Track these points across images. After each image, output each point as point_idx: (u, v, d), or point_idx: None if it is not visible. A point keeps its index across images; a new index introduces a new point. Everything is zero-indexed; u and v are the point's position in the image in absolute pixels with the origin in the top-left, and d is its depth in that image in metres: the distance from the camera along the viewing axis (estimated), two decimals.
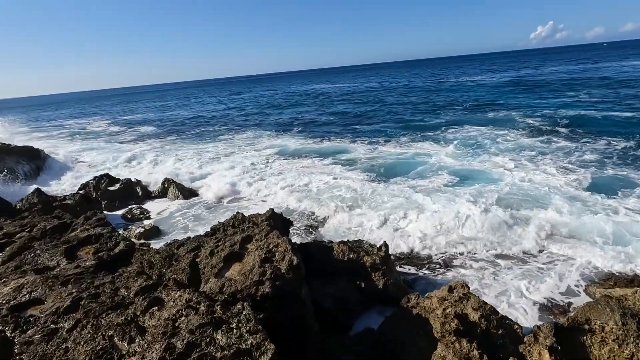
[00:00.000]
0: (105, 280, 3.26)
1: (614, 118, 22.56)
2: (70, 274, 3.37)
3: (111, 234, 4.31)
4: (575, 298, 7.63)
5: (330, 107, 44.28)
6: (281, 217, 7.59)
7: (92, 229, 4.44)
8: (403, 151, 19.78)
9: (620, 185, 12.38)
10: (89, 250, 3.87)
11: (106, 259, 3.63)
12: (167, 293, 3.02)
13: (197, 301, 2.95)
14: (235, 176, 17.32)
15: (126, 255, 3.96)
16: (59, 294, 3.12)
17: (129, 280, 3.19)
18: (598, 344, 4.88)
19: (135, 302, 2.96)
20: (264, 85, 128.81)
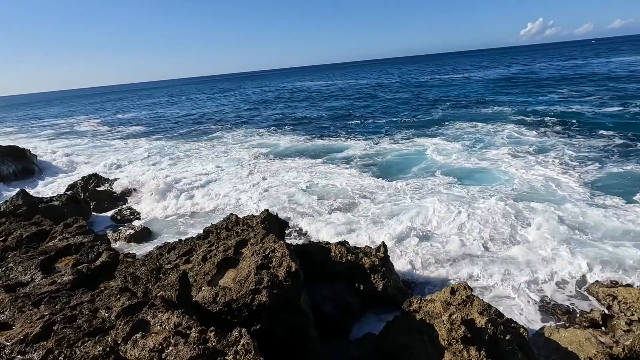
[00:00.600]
0: (84, 299, 2.92)
1: (605, 114, 22.61)
2: (44, 292, 3.00)
3: (93, 244, 3.95)
4: (578, 298, 7.47)
5: (323, 104, 43.95)
6: (276, 219, 7.29)
7: (72, 238, 4.08)
8: (400, 148, 19.57)
9: (624, 182, 12.27)
10: (68, 262, 3.52)
11: (86, 273, 3.28)
12: (154, 315, 2.70)
13: (187, 326, 2.62)
14: (227, 174, 17.01)
15: (109, 267, 3.61)
16: (29, 317, 2.77)
17: (111, 299, 2.85)
18: None
19: (117, 326, 2.62)
20: (256, 83, 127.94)
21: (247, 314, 4.24)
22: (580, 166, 14.01)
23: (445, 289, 6.52)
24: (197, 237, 7.39)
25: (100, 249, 3.78)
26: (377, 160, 17.86)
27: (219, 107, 53.82)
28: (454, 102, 35.23)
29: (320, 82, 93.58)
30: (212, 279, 4.74)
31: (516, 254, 8.83)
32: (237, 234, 6.12)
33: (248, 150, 22.83)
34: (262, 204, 13.11)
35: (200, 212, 13.10)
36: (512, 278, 8.06)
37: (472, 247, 9.21)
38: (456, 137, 20.63)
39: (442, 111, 30.60)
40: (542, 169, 14.03)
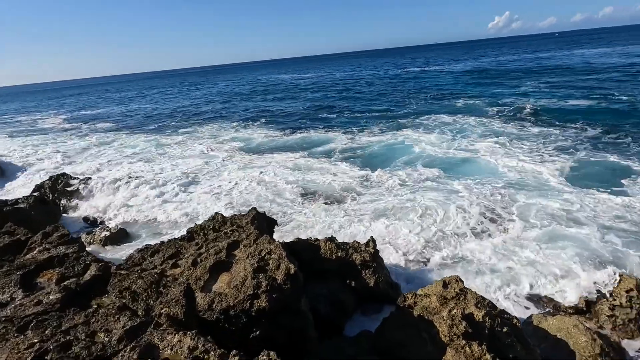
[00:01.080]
0: (78, 321, 2.60)
1: (572, 105, 23.46)
2: (30, 314, 2.64)
3: (78, 255, 3.58)
4: (562, 286, 7.65)
5: (300, 97, 43.53)
6: (265, 217, 7.06)
7: (54, 249, 3.70)
8: (381, 140, 19.61)
9: (599, 171, 12.73)
10: (51, 276, 3.15)
11: (75, 289, 2.96)
12: (162, 336, 2.43)
13: (204, 350, 2.36)
14: (199, 171, 16.52)
15: (100, 281, 3.27)
16: (16, 347, 2.43)
17: (109, 320, 2.55)
18: None
19: (121, 352, 2.34)
20: (228, 76, 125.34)
21: (245, 321, 4.04)
22: (556, 156, 14.45)
23: (437, 282, 6.51)
24: (181, 238, 7.06)
25: (88, 261, 3.43)
26: (360, 153, 17.83)
27: (192, 100, 52.37)
28: (429, 94, 35.69)
29: (294, 75, 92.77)
30: (205, 285, 4.49)
31: (500, 244, 8.98)
32: (226, 235, 5.86)
33: (224, 144, 22.29)
34: (241, 200, 12.79)
35: (177, 211, 12.62)
36: (501, 267, 8.18)
37: (458, 239, 9.28)
38: (435, 129, 20.88)
39: (418, 103, 30.94)
40: (522, 159, 14.38)
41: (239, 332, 4.02)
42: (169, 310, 2.78)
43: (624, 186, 11.29)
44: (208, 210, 12.04)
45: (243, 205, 12.31)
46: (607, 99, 24.28)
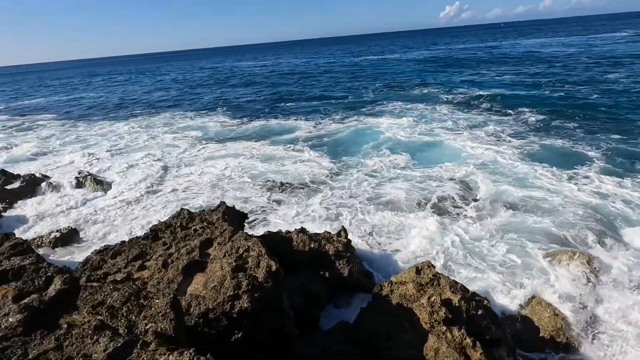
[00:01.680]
0: (48, 346, 2.20)
1: (522, 92, 24.74)
2: None
3: (37, 266, 3.10)
4: (524, 265, 8.02)
5: (257, 85, 42.53)
6: (235, 211, 6.77)
7: (7, 261, 3.20)
8: (346, 128, 19.64)
9: (555, 154, 13.51)
10: (6, 292, 2.69)
11: (38, 307, 2.55)
12: (153, 358, 2.15)
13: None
14: (157, 162, 15.69)
15: (67, 296, 2.84)
16: None
17: (86, 342, 2.20)
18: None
19: None
20: (179, 64, 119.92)
21: (226, 324, 3.82)
22: (515, 140, 15.19)
23: (410, 269, 6.60)
24: (145, 237, 6.61)
25: (50, 272, 2.99)
26: (325, 140, 17.78)
27: (143, 88, 49.58)
28: (387, 82, 36.16)
29: (250, 62, 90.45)
30: (179, 287, 4.20)
31: (467, 228, 9.29)
32: (197, 233, 5.54)
33: (181, 134, 21.35)
34: (205, 192, 12.30)
35: (131, 205, 11.88)
36: (465, 251, 8.45)
37: (427, 224, 9.46)
38: (397, 115, 21.20)
39: (378, 91, 31.27)
40: (481, 144, 14.96)
41: (219, 335, 3.81)
42: (155, 326, 2.50)
43: (578, 168, 12.01)
44: (169, 206, 11.47)
45: (209, 198, 11.84)
46: (550, 86, 25.85)
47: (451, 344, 4.47)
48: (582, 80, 27.33)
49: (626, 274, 7.29)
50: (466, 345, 4.48)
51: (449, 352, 4.38)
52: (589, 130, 15.68)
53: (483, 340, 4.74)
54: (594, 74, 29.34)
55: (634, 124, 15.94)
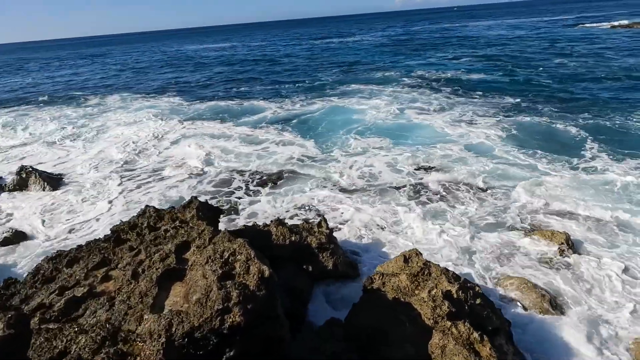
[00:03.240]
0: None
1: (485, 75, 25.23)
2: None
3: None
4: (504, 244, 8.02)
5: (211, 69, 40.53)
6: (209, 207, 6.12)
7: None
8: (314, 110, 19.07)
9: (527, 133, 13.73)
10: None
11: None
12: None
13: None
14: (112, 149, 14.41)
15: (13, 344, 2.12)
16: None
17: None
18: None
19: None
20: (128, 47, 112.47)
21: (216, 341, 3.29)
22: (485, 120, 15.38)
23: (397, 258, 6.32)
24: (105, 240, 5.82)
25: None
26: (292, 123, 17.23)
27: (90, 73, 45.82)
28: (348, 64, 35.73)
29: (202, 46, 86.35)
30: (154, 302, 3.59)
31: (445, 209, 9.19)
32: (169, 234, 4.87)
33: (135, 118, 19.92)
34: (171, 184, 11.39)
35: (79, 202, 10.75)
36: (445, 232, 8.34)
37: (409, 209, 9.26)
38: (364, 97, 20.89)
39: (340, 74, 30.79)
40: (457, 124, 15.04)
41: (208, 356, 3.28)
42: None
43: (560, 148, 12.31)
44: (132, 201, 10.49)
45: (172, 192, 10.95)
46: (507, 68, 26.63)
47: (459, 341, 4.23)
48: (536, 61, 28.39)
49: (605, 251, 7.46)
50: (474, 340, 4.25)
51: (457, 350, 4.14)
52: (559, 109, 16.24)
53: (486, 331, 4.57)
54: (546, 56, 30.59)
55: (594, 102, 16.72)
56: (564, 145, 12.35)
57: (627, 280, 6.71)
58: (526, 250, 7.81)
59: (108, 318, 3.47)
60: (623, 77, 21.07)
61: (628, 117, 14.50)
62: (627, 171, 10.23)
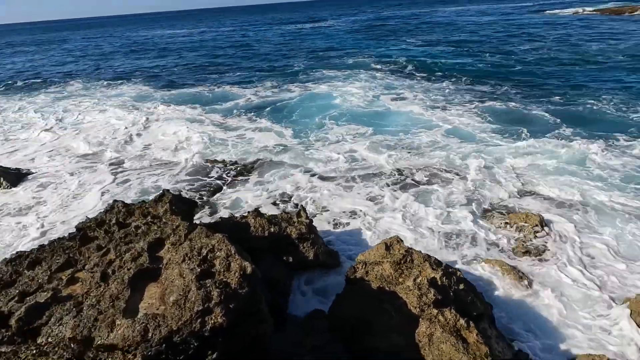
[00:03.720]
0: None
1: (458, 60, 25.46)
2: None
3: None
4: (480, 229, 8.14)
5: (177, 56, 38.99)
6: (182, 199, 5.81)
7: None
8: (287, 96, 18.72)
9: (507, 118, 13.98)
10: None
11: None
12: None
13: None
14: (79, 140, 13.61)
15: None
16: None
17: None
18: None
19: None
20: (87, 32, 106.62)
21: (197, 345, 3.09)
22: (458, 106, 15.50)
23: (378, 246, 6.26)
24: (70, 238, 5.41)
25: None
26: (268, 109, 16.82)
27: (47, 59, 43.10)
28: (320, 50, 35.25)
29: (169, 31, 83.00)
30: (127, 306, 3.33)
31: (424, 194, 9.22)
32: (141, 231, 4.56)
33: (100, 104, 18.95)
34: (138, 174, 10.86)
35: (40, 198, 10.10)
36: (424, 218, 8.36)
37: (386, 194, 9.22)
38: (340, 83, 20.62)
39: (312, 59, 30.34)
40: (431, 110, 15.13)
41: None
42: None
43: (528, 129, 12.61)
44: (99, 196, 9.93)
45: (143, 185, 10.45)
46: (478, 54, 27.01)
47: (445, 328, 4.20)
48: (505, 46, 28.95)
49: (579, 231, 7.69)
50: (461, 327, 4.24)
51: (444, 337, 4.11)
52: (529, 93, 16.59)
53: (471, 317, 4.58)
54: (515, 41, 31.24)
55: (562, 86, 17.20)
56: (537, 129, 12.62)
57: (600, 258, 6.94)
58: (502, 233, 7.94)
59: (75, 325, 3.19)
60: (588, 61, 21.81)
61: (596, 100, 15.00)
62: (598, 152, 10.57)
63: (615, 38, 29.05)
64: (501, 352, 4.76)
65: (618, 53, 23.46)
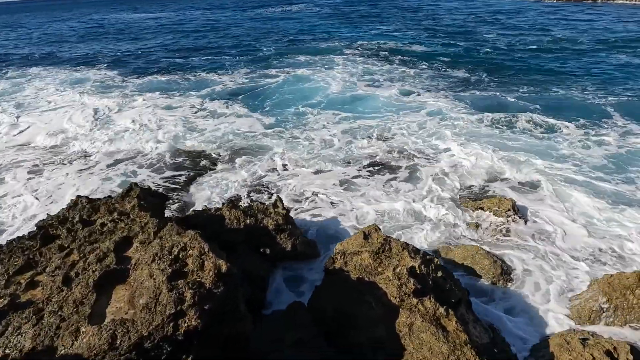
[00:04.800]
0: None
1: (426, 47, 25.54)
2: None
3: None
4: (454, 215, 8.22)
5: (144, 40, 37.29)
6: (151, 193, 5.51)
7: None
8: (263, 82, 18.33)
9: (474, 103, 14.17)
10: None
11: None
12: None
13: None
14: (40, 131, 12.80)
15: None
16: None
17: None
18: None
19: None
20: (42, 14, 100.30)
21: (170, 350, 2.92)
22: (432, 91, 15.61)
23: (356, 235, 6.20)
24: (29, 237, 5.05)
25: None
26: (243, 96, 16.42)
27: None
28: (293, 35, 34.57)
29: (133, 14, 79.20)
30: (92, 311, 3.11)
31: (401, 180, 9.25)
32: (106, 229, 4.28)
33: (63, 93, 17.92)
34: (102, 166, 10.34)
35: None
36: (396, 206, 8.38)
37: (364, 180, 9.17)
38: (316, 69, 20.29)
39: (287, 45, 29.71)
40: (407, 95, 15.19)
41: None
42: None
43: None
44: (61, 192, 9.39)
45: (109, 178, 9.96)
46: (446, 41, 27.16)
47: (425, 317, 4.20)
48: (475, 32, 29.29)
49: (551, 214, 7.91)
50: (440, 315, 4.25)
51: (424, 327, 4.11)
52: (501, 79, 16.90)
53: (450, 304, 4.61)
54: (484, 27, 31.65)
55: (531, 72, 17.60)
56: (510, 113, 12.85)
57: (571, 241, 7.17)
58: (477, 218, 8.07)
59: (36, 335, 2.95)
60: (556, 48, 22.39)
61: (565, 85, 15.45)
62: (569, 135, 10.91)
63: (580, 25, 29.95)
64: (478, 336, 4.83)
65: (583, 39, 24.21)
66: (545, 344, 5.02)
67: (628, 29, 27.87)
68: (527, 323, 5.80)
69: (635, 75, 16.58)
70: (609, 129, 11.34)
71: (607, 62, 18.82)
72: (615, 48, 21.64)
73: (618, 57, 19.53)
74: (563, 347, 4.76)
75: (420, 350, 4.02)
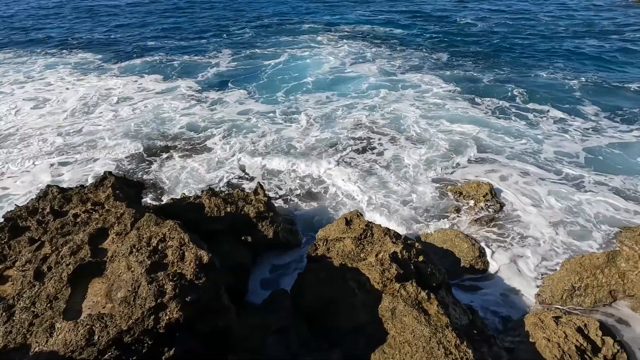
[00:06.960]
0: None
1: (406, 30, 25.40)
2: None
3: None
4: (435, 200, 8.35)
5: (117, 19, 35.52)
6: (127, 182, 5.31)
7: None
8: (248, 64, 17.92)
9: (457, 87, 14.21)
10: None
11: None
12: None
13: None
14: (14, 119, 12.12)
15: None
16: None
17: None
18: None
19: None
20: None
21: (151, 343, 2.85)
22: (417, 74, 15.65)
23: (338, 221, 6.22)
24: None
25: None
26: (227, 77, 16.04)
27: None
28: (271, 18, 33.69)
29: None
30: (67, 306, 2.99)
31: (382, 164, 9.28)
32: (80, 220, 4.11)
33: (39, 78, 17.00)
34: (76, 154, 9.94)
35: None
36: (377, 190, 8.44)
37: (346, 166, 9.15)
38: (299, 52, 19.87)
39: (268, 27, 28.85)
40: (392, 78, 15.13)
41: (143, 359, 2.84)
42: None
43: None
44: (33, 181, 8.98)
45: (84, 167, 9.58)
46: (425, 25, 27.07)
47: (407, 301, 4.26)
48: (453, 17, 29.30)
49: (527, 198, 8.12)
50: (422, 299, 4.32)
51: (406, 311, 4.17)
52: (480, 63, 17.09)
53: (431, 288, 4.70)
54: (461, 11, 31.71)
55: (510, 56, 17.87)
56: (491, 96, 13.04)
57: (542, 227, 7.40)
58: (456, 202, 8.21)
59: (7, 332, 2.82)
60: (532, 33, 22.69)
61: (545, 69, 15.81)
62: (548, 119, 11.20)
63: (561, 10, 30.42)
64: (458, 318, 4.95)
65: (564, 24, 24.65)
66: (521, 323, 5.21)
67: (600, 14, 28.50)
68: (503, 304, 6.00)
69: (608, 59, 17.07)
70: (582, 111, 11.69)
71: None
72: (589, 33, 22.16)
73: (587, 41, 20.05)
74: (537, 326, 4.95)
75: (403, 333, 4.09)
